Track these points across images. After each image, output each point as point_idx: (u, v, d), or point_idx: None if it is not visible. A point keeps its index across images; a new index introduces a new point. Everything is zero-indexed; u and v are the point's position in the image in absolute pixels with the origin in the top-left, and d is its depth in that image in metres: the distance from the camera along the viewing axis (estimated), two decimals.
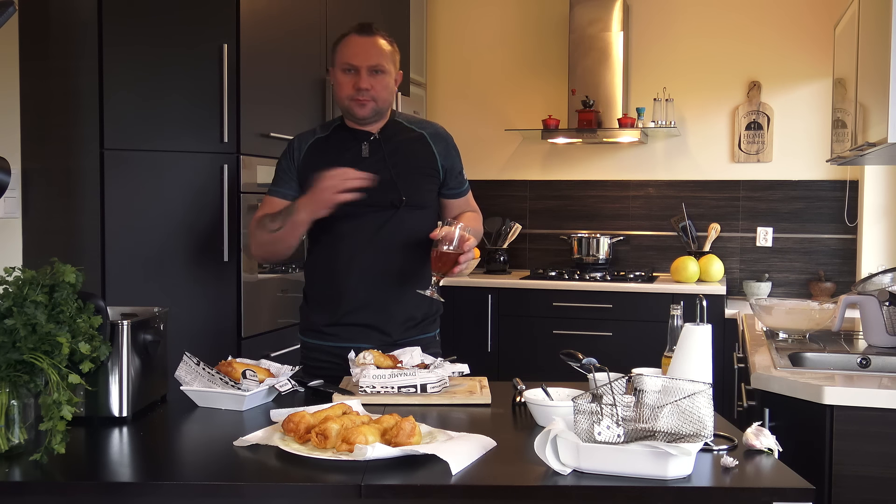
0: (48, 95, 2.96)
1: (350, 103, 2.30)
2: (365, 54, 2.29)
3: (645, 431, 1.44)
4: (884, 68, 2.45)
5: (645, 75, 4.80)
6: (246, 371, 1.95)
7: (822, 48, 4.47)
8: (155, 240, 2.96)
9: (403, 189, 2.31)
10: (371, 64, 2.29)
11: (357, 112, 2.31)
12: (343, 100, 2.32)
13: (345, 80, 2.30)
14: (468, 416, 1.87)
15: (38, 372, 1.57)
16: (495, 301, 4.43)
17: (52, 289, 1.61)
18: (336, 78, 2.34)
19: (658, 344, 1.99)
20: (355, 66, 2.28)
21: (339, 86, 2.32)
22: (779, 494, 1.41)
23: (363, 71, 2.28)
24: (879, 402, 2.06)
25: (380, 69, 2.30)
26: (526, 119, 4.97)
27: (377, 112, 2.33)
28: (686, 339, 1.73)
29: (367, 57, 2.29)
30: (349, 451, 1.50)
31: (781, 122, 4.65)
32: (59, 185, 2.96)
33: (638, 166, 4.87)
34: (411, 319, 2.36)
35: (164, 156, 2.97)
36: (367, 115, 2.32)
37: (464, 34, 5.11)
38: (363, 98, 2.28)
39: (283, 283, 3.32)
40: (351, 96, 2.29)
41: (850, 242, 4.57)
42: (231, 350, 3.01)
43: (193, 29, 2.98)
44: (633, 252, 4.88)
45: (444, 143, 2.41)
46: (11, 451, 1.56)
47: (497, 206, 5.00)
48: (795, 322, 2.77)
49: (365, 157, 2.33)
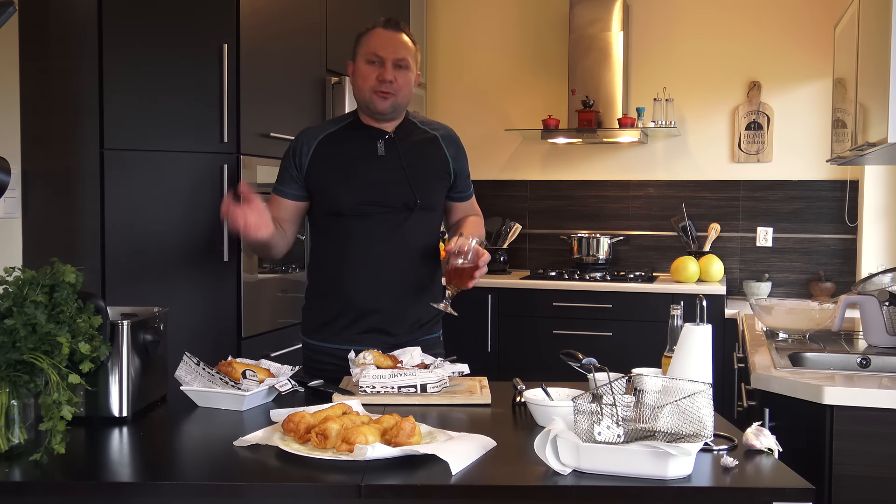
0: (48, 96, 2.96)
1: (372, 95, 2.25)
2: (392, 47, 2.25)
3: (645, 431, 1.44)
4: (884, 68, 2.45)
5: (645, 75, 4.80)
6: (246, 371, 1.95)
7: (821, 48, 4.47)
8: (155, 240, 2.96)
9: (418, 191, 2.27)
10: (397, 57, 2.25)
11: (378, 105, 2.26)
12: (365, 91, 2.26)
13: (369, 71, 2.25)
14: (468, 416, 1.87)
15: (38, 372, 1.57)
16: (495, 301, 4.43)
17: (52, 289, 1.61)
18: (359, 69, 2.28)
19: (658, 344, 1.99)
20: (381, 56, 2.24)
21: (363, 77, 2.26)
22: (779, 494, 1.41)
23: (388, 63, 2.24)
24: (879, 402, 2.06)
25: (404, 64, 2.26)
26: (526, 119, 4.97)
27: (396, 108, 2.29)
28: (686, 339, 1.73)
29: (395, 50, 2.25)
30: (349, 451, 1.50)
31: (781, 122, 4.65)
32: (59, 185, 2.96)
33: (638, 166, 4.87)
34: (418, 321, 2.34)
35: (164, 156, 2.97)
36: (387, 110, 2.27)
37: (464, 34, 5.11)
38: (386, 90, 2.24)
39: (283, 283, 3.32)
40: (374, 87, 2.24)
41: (850, 242, 4.57)
42: (231, 350, 3.01)
43: (193, 29, 2.98)
44: (633, 252, 4.88)
45: (455, 146, 2.39)
46: (11, 451, 1.56)
47: (497, 206, 5.00)
48: (795, 322, 2.77)
49: (381, 156, 2.29)
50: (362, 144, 2.30)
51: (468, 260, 2.12)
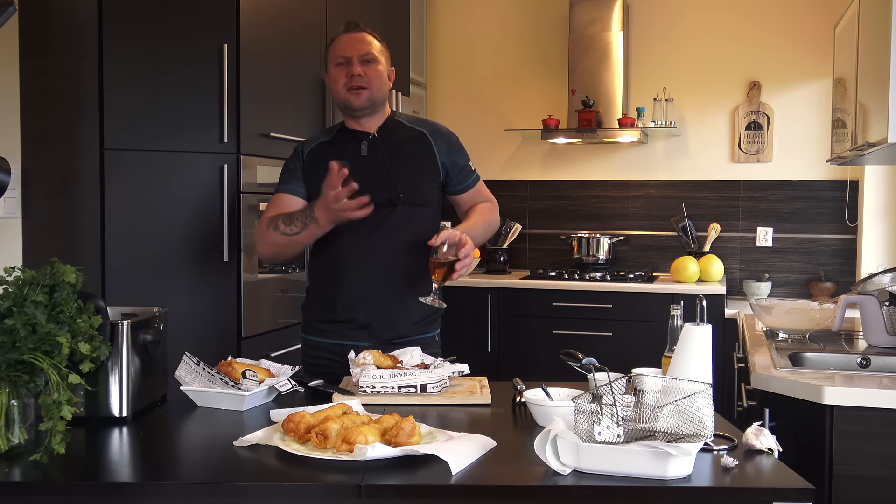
0: (48, 95, 2.96)
1: (346, 94, 2.33)
2: (354, 45, 2.35)
3: (645, 431, 1.44)
4: (884, 68, 2.45)
5: (645, 75, 4.80)
6: (246, 371, 1.95)
7: (821, 48, 4.47)
8: (155, 240, 2.96)
9: (401, 186, 2.31)
10: (361, 53, 2.34)
11: (353, 101, 2.33)
12: (339, 92, 2.35)
13: (338, 73, 2.35)
14: (468, 416, 1.87)
15: (38, 372, 1.56)
16: (495, 301, 4.43)
17: (52, 289, 1.61)
18: (330, 74, 2.38)
19: (658, 344, 1.99)
20: (346, 56, 2.33)
21: (334, 80, 2.36)
22: (779, 494, 1.41)
23: (354, 59, 2.33)
24: (879, 402, 2.06)
25: (370, 58, 2.34)
26: (526, 119, 4.97)
27: (372, 101, 2.35)
28: (686, 339, 1.73)
29: (357, 47, 2.34)
30: (349, 451, 1.50)
31: (781, 122, 4.65)
32: (59, 185, 2.95)
33: (638, 166, 4.87)
34: (410, 318, 2.36)
35: (164, 156, 2.97)
36: (364, 105, 2.34)
37: (464, 34, 5.11)
38: (357, 84, 2.32)
39: (283, 283, 3.32)
40: (346, 85, 2.33)
41: (850, 242, 4.57)
42: (231, 350, 3.01)
43: (193, 29, 2.98)
44: (633, 252, 4.88)
45: (444, 140, 2.42)
46: (11, 451, 1.56)
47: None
48: (795, 322, 2.77)
49: (364, 156, 2.35)
50: (347, 148, 2.37)
51: (450, 253, 2.13)
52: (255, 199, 3.09)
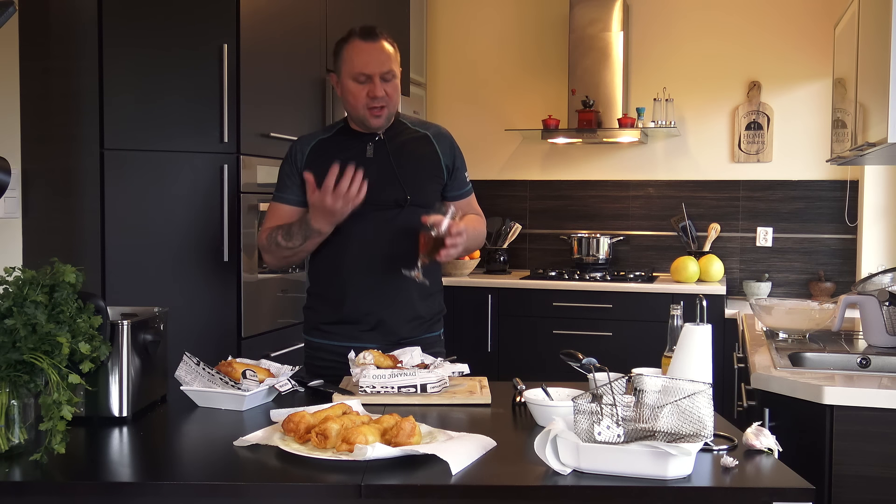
0: (48, 96, 2.96)
1: (366, 113, 2.28)
2: (377, 61, 2.26)
3: (645, 431, 1.44)
4: (884, 68, 2.45)
5: (645, 75, 4.80)
6: (246, 371, 1.95)
7: (821, 48, 4.47)
8: (155, 240, 2.96)
9: (408, 188, 2.31)
10: (384, 71, 2.26)
11: (373, 122, 2.29)
12: (358, 109, 2.29)
13: (358, 90, 2.27)
14: (468, 416, 1.87)
15: (38, 372, 1.57)
16: (495, 301, 4.43)
17: (52, 289, 1.61)
18: (347, 87, 2.29)
19: (658, 344, 1.99)
20: (368, 73, 2.25)
21: (353, 95, 2.28)
22: (779, 494, 1.41)
23: (376, 79, 2.26)
24: (879, 402, 2.06)
25: (391, 76, 2.28)
26: (526, 119, 4.97)
27: (390, 118, 2.33)
28: (686, 339, 1.73)
29: (380, 64, 2.26)
30: (349, 451, 1.50)
31: (781, 122, 4.65)
32: (59, 185, 2.95)
33: (638, 166, 4.87)
34: (417, 318, 2.35)
35: (164, 156, 2.97)
36: (382, 125, 2.32)
37: (464, 34, 5.11)
38: (379, 105, 2.27)
39: (283, 283, 3.32)
40: (366, 105, 2.27)
41: (850, 242, 4.57)
42: (231, 350, 3.01)
43: (193, 29, 2.98)
44: (633, 252, 4.88)
45: (447, 143, 2.41)
46: (11, 451, 1.56)
47: (497, 206, 5.00)
48: (795, 322, 2.77)
49: (369, 158, 2.32)
50: (352, 148, 2.34)
51: (442, 230, 2.14)
52: (255, 199, 3.09)
